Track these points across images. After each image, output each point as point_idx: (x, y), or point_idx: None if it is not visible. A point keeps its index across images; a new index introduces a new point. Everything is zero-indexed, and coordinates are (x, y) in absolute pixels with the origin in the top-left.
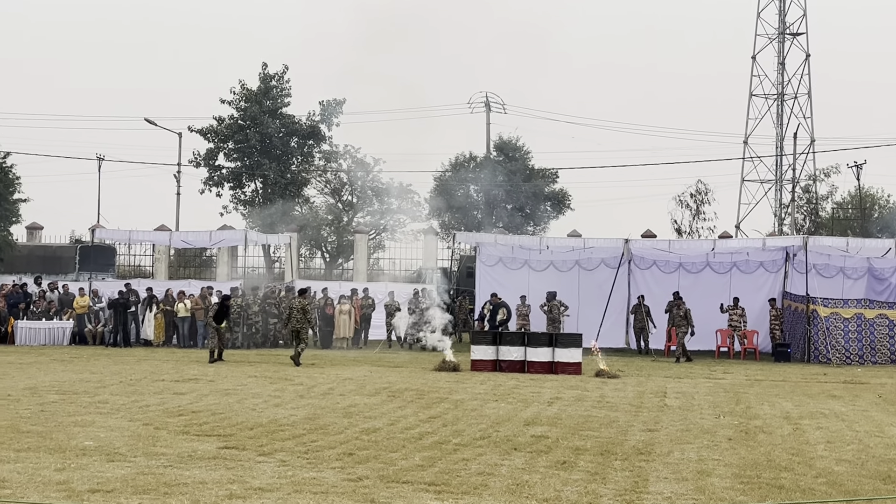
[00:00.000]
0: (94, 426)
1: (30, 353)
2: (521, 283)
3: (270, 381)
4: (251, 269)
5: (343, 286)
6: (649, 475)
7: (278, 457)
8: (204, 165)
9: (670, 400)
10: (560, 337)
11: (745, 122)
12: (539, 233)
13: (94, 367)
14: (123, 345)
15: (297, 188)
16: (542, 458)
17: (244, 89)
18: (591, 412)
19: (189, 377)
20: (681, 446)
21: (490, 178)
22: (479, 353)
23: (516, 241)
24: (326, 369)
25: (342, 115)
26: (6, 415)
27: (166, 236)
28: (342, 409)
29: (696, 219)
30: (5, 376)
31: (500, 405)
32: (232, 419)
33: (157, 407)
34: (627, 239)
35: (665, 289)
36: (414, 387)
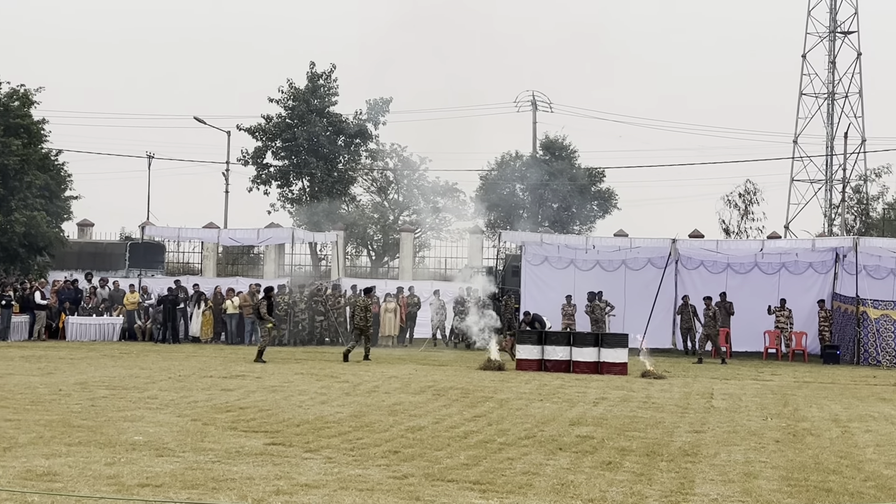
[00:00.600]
0: (143, 421)
1: (80, 349)
2: (566, 282)
3: (317, 378)
4: (298, 267)
5: (389, 284)
6: (695, 477)
7: (324, 453)
8: (252, 164)
9: (717, 401)
10: (606, 337)
11: (794, 121)
12: (585, 232)
13: (143, 362)
14: (172, 341)
15: (343, 186)
16: (587, 458)
17: (292, 88)
18: (636, 413)
19: (237, 373)
20: (727, 448)
21: (536, 177)
22: (525, 353)
23: (562, 240)
24: (372, 367)
25: (389, 113)
26: (58, 410)
27: (214, 234)
28: (387, 406)
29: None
30: (57, 371)
31: (546, 405)
32: (279, 416)
33: (205, 403)
34: (674, 239)
35: (712, 289)
36: (459, 385)
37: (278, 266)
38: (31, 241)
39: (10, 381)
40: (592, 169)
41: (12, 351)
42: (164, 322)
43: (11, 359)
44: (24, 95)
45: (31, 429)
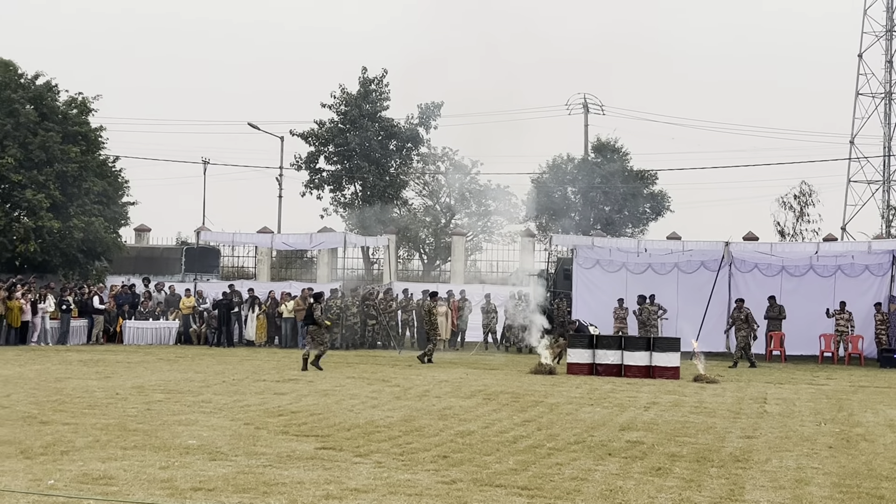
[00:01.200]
0: (197, 425)
1: (137, 353)
2: (618, 285)
3: (368, 382)
4: (350, 271)
5: (440, 288)
6: (746, 483)
7: (374, 458)
8: (305, 168)
9: (770, 406)
10: (658, 341)
11: (851, 121)
12: (637, 235)
13: (198, 366)
14: (226, 345)
15: (395, 190)
16: (636, 463)
17: (344, 93)
18: (688, 418)
19: (289, 377)
20: (779, 454)
21: (588, 180)
22: (576, 357)
23: (614, 243)
24: (423, 371)
25: (440, 117)
26: (114, 413)
27: (268, 238)
28: (437, 411)
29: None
30: (114, 375)
31: (596, 409)
32: (330, 420)
33: (257, 407)
34: (728, 241)
35: (766, 292)
36: (509, 390)
37: (331, 270)
38: (90, 246)
39: (69, 385)
40: (644, 171)
41: (71, 355)
42: (218, 326)
43: (70, 363)
44: (82, 103)
45: (88, 432)
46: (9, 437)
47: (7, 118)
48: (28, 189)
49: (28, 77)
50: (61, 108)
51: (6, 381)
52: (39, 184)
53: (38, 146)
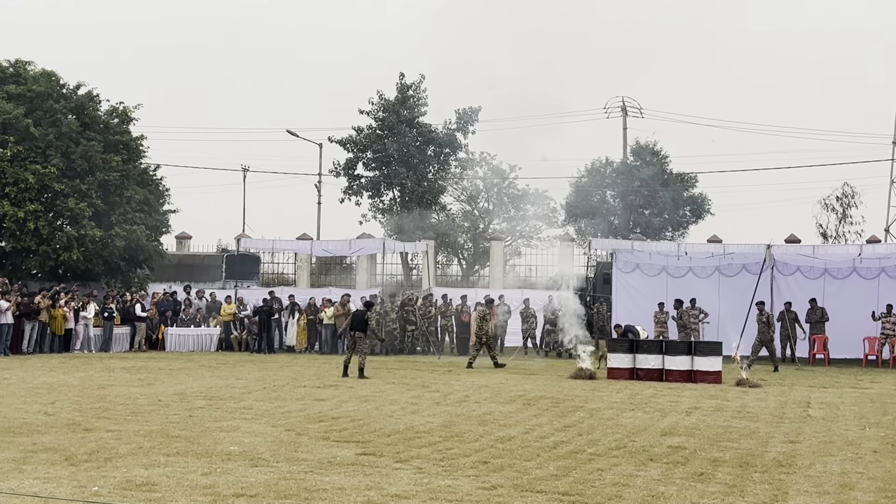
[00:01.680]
0: (238, 431)
1: (179, 359)
2: (658, 289)
3: (407, 387)
4: (389, 277)
5: (479, 293)
6: (789, 488)
7: (414, 464)
8: (343, 175)
9: (814, 410)
10: (699, 345)
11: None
12: (678, 238)
13: (239, 373)
14: (267, 351)
15: (433, 196)
16: (678, 469)
17: (382, 100)
18: (730, 422)
19: (329, 383)
20: (823, 458)
21: (627, 184)
22: (616, 362)
23: (654, 247)
24: (462, 376)
25: (478, 122)
26: (157, 420)
27: (308, 245)
28: (477, 416)
29: (843, 222)
30: (156, 382)
31: (637, 414)
32: (370, 425)
33: (298, 413)
34: (770, 244)
35: (809, 295)
36: (549, 395)
37: (370, 276)
38: (132, 254)
39: (112, 392)
40: (684, 174)
41: (114, 362)
42: (259, 332)
43: (113, 370)
44: (123, 113)
45: (131, 439)
46: (54, 444)
47: (49, 128)
48: (70, 198)
49: (70, 87)
50: (103, 117)
51: (51, 389)
52: (82, 193)
53: (81, 155)
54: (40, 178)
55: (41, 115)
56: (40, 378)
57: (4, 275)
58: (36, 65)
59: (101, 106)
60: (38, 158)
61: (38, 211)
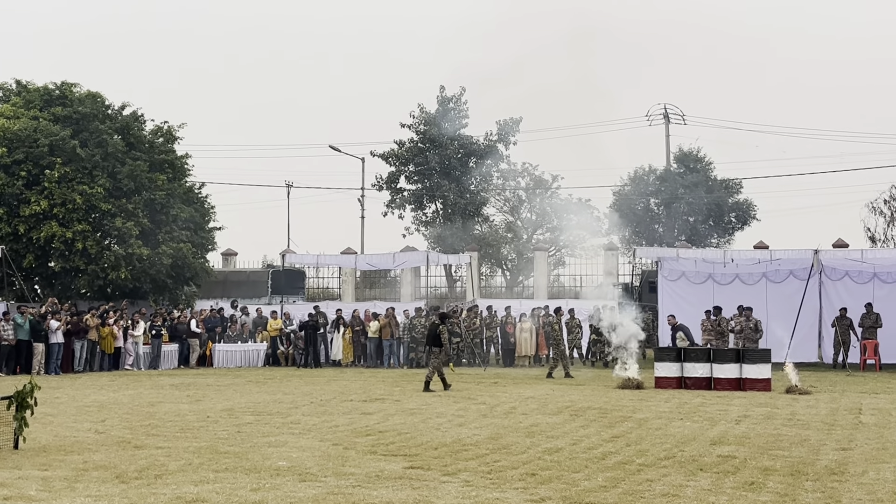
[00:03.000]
0: (286, 446)
1: (227, 375)
2: (705, 297)
3: (454, 400)
4: (434, 289)
5: (524, 304)
6: (842, 497)
7: (462, 477)
8: (386, 188)
9: (866, 417)
10: (748, 352)
11: None
12: (723, 245)
13: (286, 388)
14: (314, 365)
15: (476, 207)
16: (729, 478)
17: (423, 113)
18: (780, 430)
19: (376, 397)
20: (876, 466)
21: (671, 191)
22: (664, 370)
23: (699, 254)
24: (509, 388)
25: (519, 133)
26: (206, 436)
27: (352, 259)
28: (524, 428)
29: (891, 226)
30: (205, 398)
31: (686, 424)
32: (417, 439)
33: (345, 427)
34: (817, 249)
35: (858, 300)
36: (596, 405)
37: (414, 289)
38: (178, 271)
39: (161, 409)
40: (729, 180)
41: (163, 379)
42: (305, 347)
43: (162, 387)
44: (167, 132)
45: (180, 456)
46: (104, 462)
47: (96, 149)
48: (118, 217)
49: (115, 108)
50: (148, 137)
51: (101, 407)
52: (128, 212)
53: (127, 175)
54: (87, 199)
55: (87, 136)
56: (91, 396)
57: (54, 295)
58: (82, 86)
59: (145, 126)
60: (85, 179)
61: (85, 231)
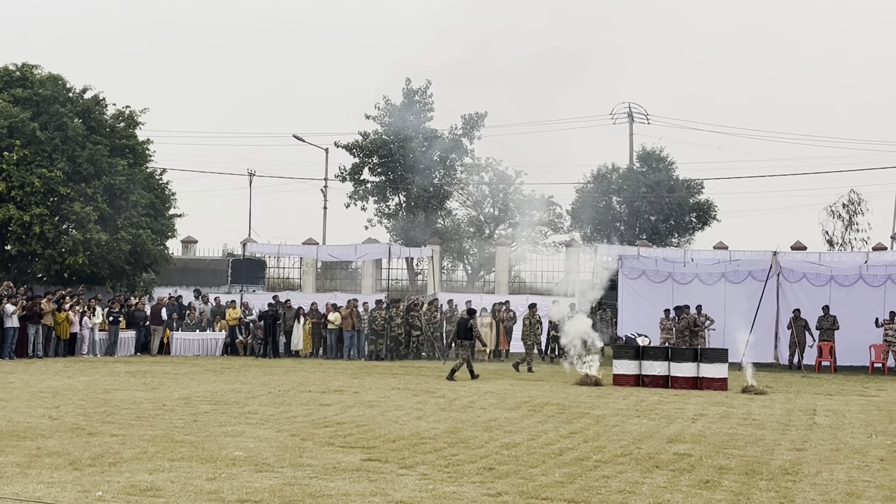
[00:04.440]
0: (243, 436)
1: (184, 364)
2: (665, 296)
3: (413, 393)
4: (395, 282)
5: (485, 299)
6: (796, 496)
7: (419, 470)
8: (349, 180)
9: (820, 418)
10: (705, 351)
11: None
12: (684, 245)
13: (244, 377)
14: (272, 356)
15: (439, 201)
16: (684, 476)
17: (388, 105)
18: (736, 430)
19: (335, 388)
20: (830, 466)
21: (633, 190)
22: (622, 368)
23: (660, 253)
24: (468, 382)
25: (484, 128)
26: (161, 425)
27: (313, 250)
28: (483, 422)
29: (849, 230)
30: (161, 386)
31: (643, 421)
32: (375, 431)
33: (303, 418)
34: (776, 251)
35: (815, 302)
36: (555, 401)
37: (375, 281)
38: (137, 258)
39: (117, 397)
40: (690, 180)
41: (119, 366)
42: (264, 337)
43: (118, 374)
44: (129, 117)
45: (135, 444)
46: (58, 449)
47: (55, 132)
48: (76, 202)
49: (76, 91)
50: (109, 121)
51: (55, 393)
52: (87, 196)
53: (87, 159)
54: (46, 182)
55: (47, 118)
56: (45, 382)
57: (10, 278)
58: (42, 68)
59: (107, 110)
60: (44, 162)
61: (43, 214)
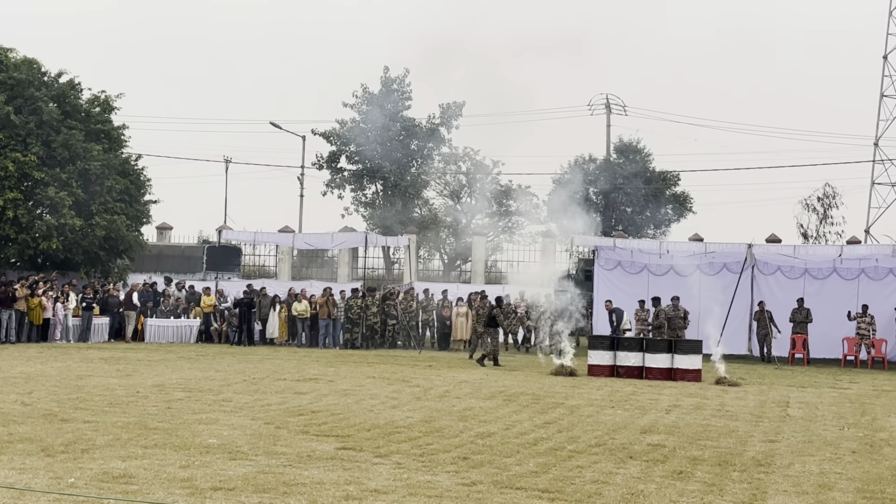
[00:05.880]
0: (217, 424)
1: (158, 351)
2: (640, 287)
3: (388, 382)
4: (371, 271)
5: (461, 288)
6: (768, 488)
7: (394, 459)
8: (326, 168)
9: (793, 410)
10: (679, 343)
11: (875, 123)
12: (659, 236)
13: (218, 365)
14: (247, 343)
15: (416, 190)
16: (658, 467)
17: (366, 93)
18: (709, 421)
19: (309, 377)
20: (802, 458)
21: (609, 181)
22: (597, 359)
23: (636, 244)
24: (443, 371)
25: (461, 117)
26: (135, 412)
27: (290, 237)
28: (458, 412)
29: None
30: (135, 373)
31: (617, 412)
32: (350, 420)
33: (278, 406)
34: (751, 244)
35: (790, 295)
36: (529, 391)
37: (351, 269)
38: (112, 244)
39: (90, 383)
40: (667, 172)
41: (92, 352)
42: (239, 324)
43: (91, 360)
44: (104, 102)
45: (108, 431)
46: (30, 435)
47: (30, 116)
48: (51, 187)
49: (51, 75)
50: (84, 106)
51: (28, 379)
52: (62, 182)
53: (61, 144)
54: (20, 167)
55: (22, 102)
56: (17, 368)
57: None
58: (17, 52)
59: (82, 94)
60: (19, 146)
61: (17, 199)
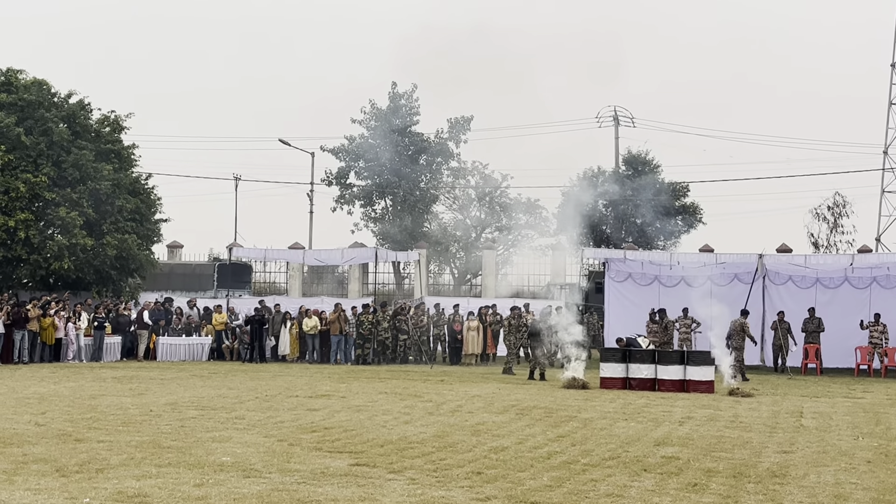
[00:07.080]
0: (230, 442)
1: (171, 369)
2: (651, 299)
3: (400, 397)
4: (382, 286)
5: (472, 302)
6: (783, 499)
7: (408, 474)
8: (336, 184)
9: (807, 420)
10: (692, 354)
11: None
12: (670, 248)
13: (231, 382)
14: (259, 360)
15: (425, 205)
16: (672, 479)
17: (374, 108)
18: (723, 432)
19: (322, 393)
20: (817, 469)
21: (619, 193)
22: (609, 371)
23: (646, 256)
24: (455, 386)
25: (470, 131)
26: (148, 430)
27: (300, 254)
28: (470, 426)
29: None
30: (148, 392)
31: (630, 424)
32: (363, 436)
33: (291, 423)
34: (762, 254)
35: (801, 304)
36: (542, 405)
37: (362, 285)
38: (123, 263)
39: (103, 402)
40: (676, 183)
41: (105, 371)
42: (251, 342)
43: (104, 379)
44: (114, 121)
45: (122, 450)
46: (44, 455)
47: (41, 137)
48: (62, 207)
49: (61, 95)
50: (94, 126)
51: (41, 399)
52: (73, 202)
53: (72, 164)
54: (31, 187)
55: (32, 123)
56: (31, 388)
57: None
58: (27, 73)
59: (92, 114)
60: (29, 167)
61: (28, 220)
